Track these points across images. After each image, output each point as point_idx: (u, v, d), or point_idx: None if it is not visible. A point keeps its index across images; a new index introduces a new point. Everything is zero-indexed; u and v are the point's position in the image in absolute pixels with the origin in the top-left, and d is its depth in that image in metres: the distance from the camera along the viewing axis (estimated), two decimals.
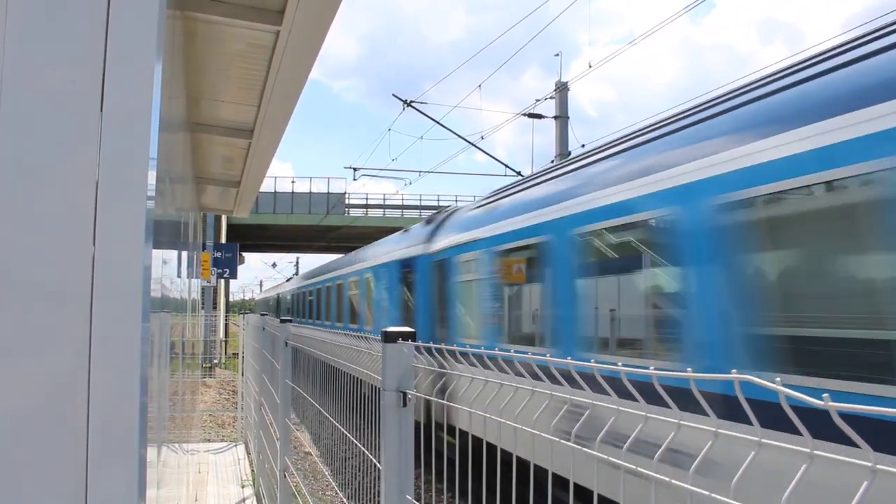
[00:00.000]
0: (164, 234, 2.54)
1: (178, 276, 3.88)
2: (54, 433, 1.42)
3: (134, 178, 1.48)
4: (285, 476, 4.92)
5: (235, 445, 10.67)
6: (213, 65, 4.35)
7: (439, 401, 2.09)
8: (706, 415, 1.14)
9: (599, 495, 1.56)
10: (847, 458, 0.88)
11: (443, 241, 10.43)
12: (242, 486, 8.01)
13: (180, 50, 3.34)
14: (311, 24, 3.42)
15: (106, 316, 1.44)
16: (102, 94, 1.48)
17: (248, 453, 9.55)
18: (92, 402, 1.42)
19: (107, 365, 1.43)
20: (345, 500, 3.98)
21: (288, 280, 35.72)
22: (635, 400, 1.30)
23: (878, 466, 0.82)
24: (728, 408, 1.68)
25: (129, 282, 1.46)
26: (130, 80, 1.49)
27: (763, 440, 1.02)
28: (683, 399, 1.23)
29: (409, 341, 2.23)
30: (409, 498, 2.18)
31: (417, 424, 2.25)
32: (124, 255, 1.46)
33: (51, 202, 1.45)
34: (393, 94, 18.25)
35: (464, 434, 7.57)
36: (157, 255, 2.02)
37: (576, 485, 1.65)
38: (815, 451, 0.91)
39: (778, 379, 0.96)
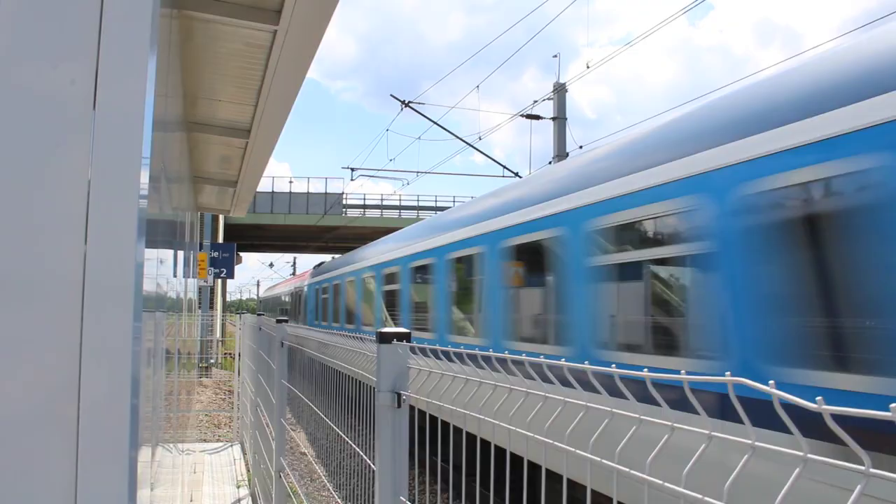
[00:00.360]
0: (159, 233, 2.53)
1: (174, 275, 3.87)
2: (44, 432, 1.41)
3: (126, 176, 1.47)
4: (281, 476, 4.91)
5: (231, 445, 10.65)
6: (210, 64, 4.35)
7: (436, 402, 2.08)
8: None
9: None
10: (841, 463, 0.87)
11: None
12: (238, 487, 7.99)
13: (177, 49, 3.33)
14: (308, 23, 3.42)
15: (97, 315, 1.43)
16: (95, 93, 1.47)
17: (244, 453, 9.53)
18: (83, 402, 1.41)
19: (98, 364, 1.42)
20: (339, 500, 3.97)
21: (317, 266, 21.99)
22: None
23: (871, 471, 0.82)
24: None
25: (120, 281, 1.45)
26: (123, 78, 1.48)
27: (756, 443, 1.01)
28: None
29: (404, 342, 2.23)
30: (403, 499, 2.17)
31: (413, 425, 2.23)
32: (116, 254, 1.45)
33: (42, 200, 1.44)
34: (391, 95, 18.26)
35: (457, 431, 7.43)
36: (152, 254, 2.01)
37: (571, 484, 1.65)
38: (809, 455, 0.91)
39: (772, 382, 0.95)
